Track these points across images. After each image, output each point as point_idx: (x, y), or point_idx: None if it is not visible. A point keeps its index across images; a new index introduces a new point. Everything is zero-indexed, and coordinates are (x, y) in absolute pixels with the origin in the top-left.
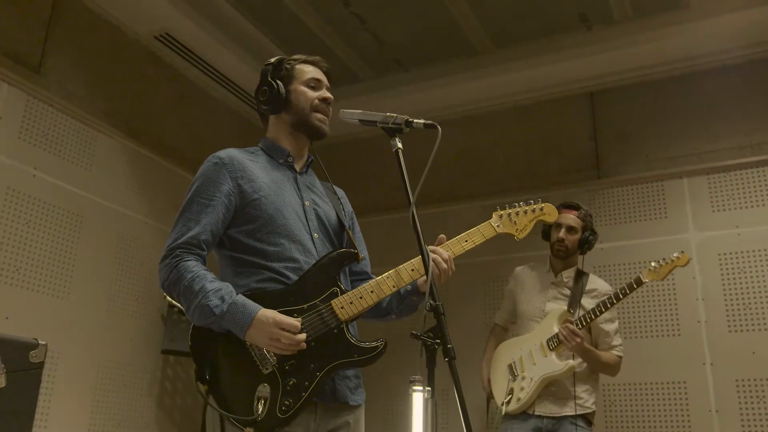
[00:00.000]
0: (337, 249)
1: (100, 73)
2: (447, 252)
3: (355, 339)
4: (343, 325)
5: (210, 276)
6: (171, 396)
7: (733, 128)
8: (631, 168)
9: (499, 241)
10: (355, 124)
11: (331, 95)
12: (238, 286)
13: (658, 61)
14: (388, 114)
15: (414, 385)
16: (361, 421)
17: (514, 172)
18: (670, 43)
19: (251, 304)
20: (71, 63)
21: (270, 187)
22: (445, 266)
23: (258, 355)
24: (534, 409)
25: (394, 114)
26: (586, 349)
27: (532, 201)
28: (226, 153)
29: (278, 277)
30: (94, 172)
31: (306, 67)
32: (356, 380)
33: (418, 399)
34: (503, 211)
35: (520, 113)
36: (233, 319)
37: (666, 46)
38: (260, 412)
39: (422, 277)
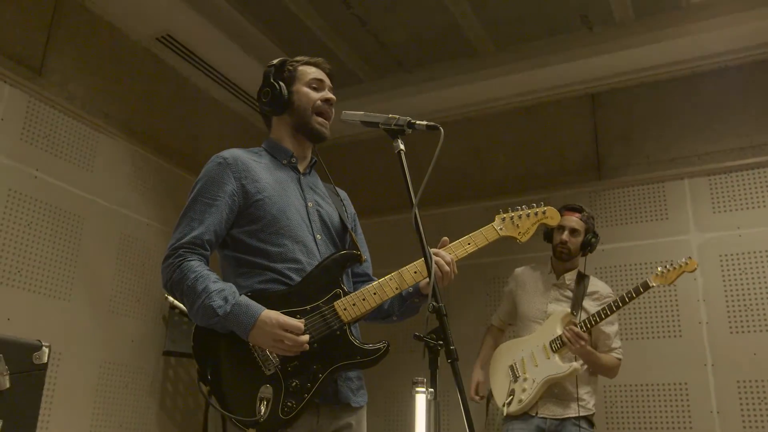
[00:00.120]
0: (340, 250)
1: (101, 74)
2: (450, 254)
3: (357, 341)
4: (346, 327)
5: (213, 276)
6: (172, 397)
7: (734, 129)
8: (632, 169)
9: (500, 243)
10: (356, 126)
11: (333, 96)
12: (240, 286)
13: (659, 62)
14: (390, 115)
15: (417, 386)
16: (363, 422)
17: (515, 173)
18: (671, 44)
19: (255, 305)
20: (73, 64)
21: (273, 188)
22: (447, 269)
23: (261, 356)
24: (537, 410)
25: (396, 115)
26: (589, 352)
27: (534, 204)
28: (230, 153)
29: (281, 278)
30: (96, 174)
31: (308, 69)
32: (358, 381)
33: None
34: (506, 214)
35: (521, 114)
36: (236, 320)
37: (667, 47)
38: (263, 413)
39: (424, 280)
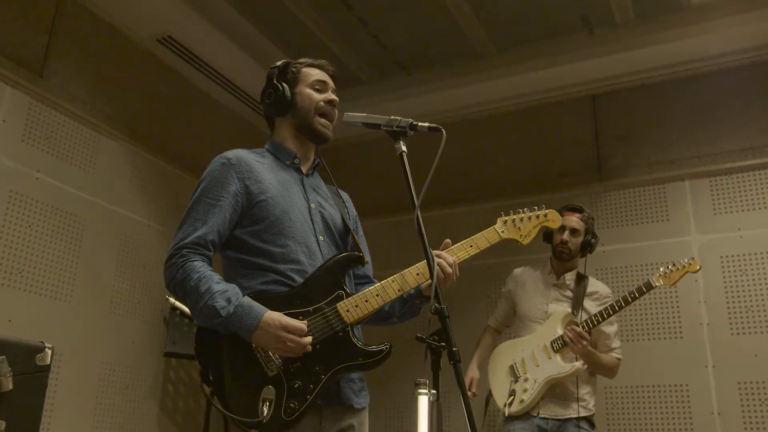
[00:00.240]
0: (343, 252)
1: (102, 76)
2: (452, 257)
3: (360, 342)
4: (349, 328)
5: (216, 277)
6: (173, 398)
7: (734, 131)
8: (633, 171)
9: (501, 244)
10: (358, 127)
11: (336, 97)
12: (243, 287)
13: (659, 63)
14: (392, 117)
15: (419, 388)
16: (365, 423)
17: (516, 174)
18: (671, 46)
19: (258, 307)
20: (74, 66)
21: (277, 189)
22: (449, 271)
23: (263, 357)
24: (538, 410)
25: (398, 117)
26: (590, 352)
27: (536, 207)
28: (233, 153)
29: (283, 279)
30: (97, 175)
31: (311, 70)
32: (361, 383)
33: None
34: (507, 217)
35: (522, 116)
36: (239, 321)
37: (668, 49)
38: (265, 414)
39: (426, 282)
